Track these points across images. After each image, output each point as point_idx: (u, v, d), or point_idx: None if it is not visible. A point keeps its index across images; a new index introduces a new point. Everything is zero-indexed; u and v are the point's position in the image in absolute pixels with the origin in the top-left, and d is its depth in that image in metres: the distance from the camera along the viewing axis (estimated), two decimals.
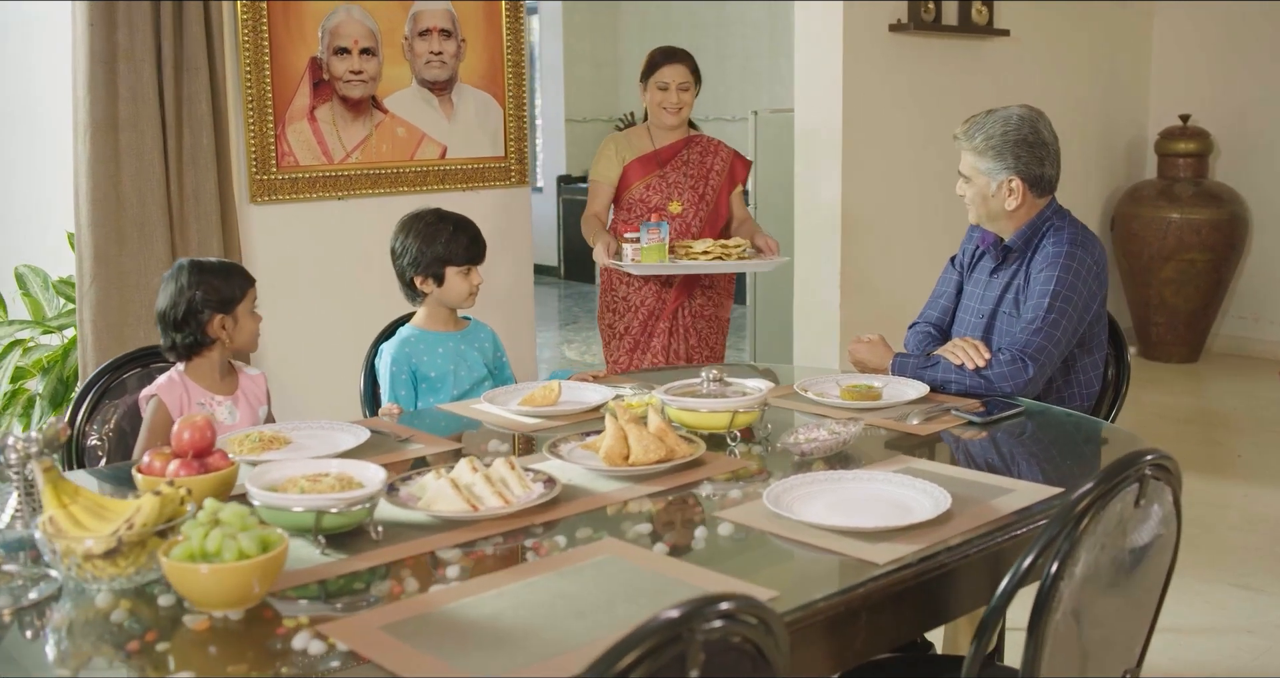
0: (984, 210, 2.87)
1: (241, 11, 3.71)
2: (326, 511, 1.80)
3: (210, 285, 2.43)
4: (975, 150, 2.85)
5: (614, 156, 4.06)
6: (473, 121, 4.30)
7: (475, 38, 4.26)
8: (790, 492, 1.99)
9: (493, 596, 1.64)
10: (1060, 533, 1.63)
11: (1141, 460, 1.70)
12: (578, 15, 10.68)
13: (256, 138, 3.79)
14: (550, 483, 2.05)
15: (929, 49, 5.80)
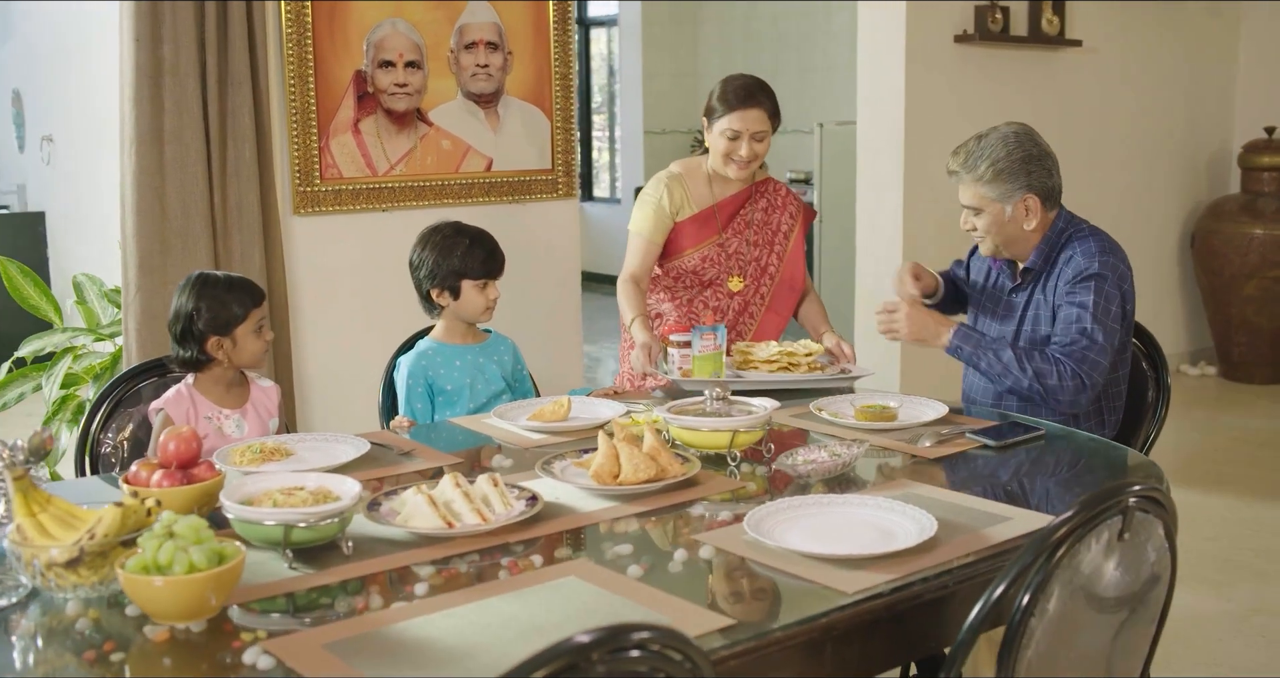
0: (1001, 238, 2.79)
1: (286, 25, 3.76)
2: (295, 525, 1.80)
3: (210, 306, 2.45)
4: (982, 179, 2.76)
5: (665, 208, 3.22)
6: (519, 134, 4.30)
7: (523, 50, 4.27)
8: (774, 516, 1.94)
9: (443, 616, 1.62)
10: (1032, 565, 1.56)
11: (1124, 493, 1.62)
12: (656, 27, 10.68)
13: (300, 150, 3.83)
14: (533, 501, 2.03)
15: (996, 60, 5.68)
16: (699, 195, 3.25)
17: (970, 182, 2.77)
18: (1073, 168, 6.06)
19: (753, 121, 3.09)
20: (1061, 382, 2.62)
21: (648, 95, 10.73)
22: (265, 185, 3.70)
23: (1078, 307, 2.67)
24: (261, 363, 2.55)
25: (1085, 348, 2.63)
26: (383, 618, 1.62)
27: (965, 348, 2.72)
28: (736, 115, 3.09)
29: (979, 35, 5.49)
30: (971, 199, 2.79)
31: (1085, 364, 2.62)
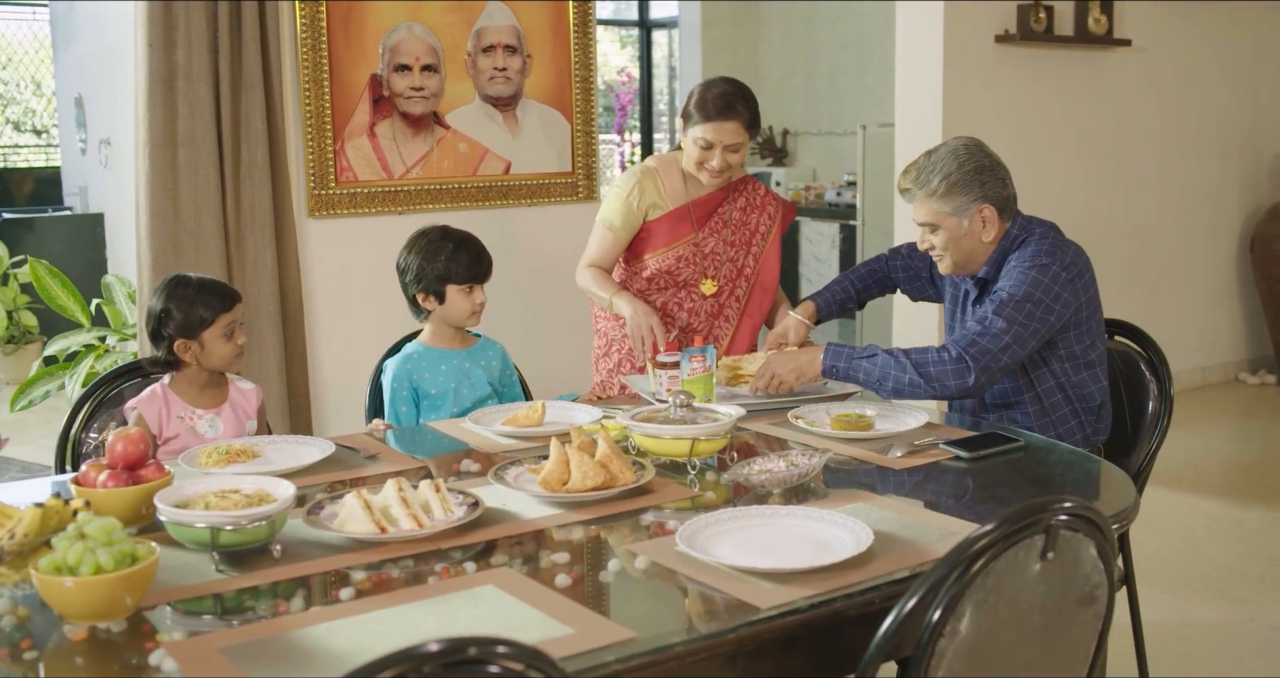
0: (959, 254, 2.73)
1: (301, 30, 3.80)
2: (222, 527, 1.81)
3: (177, 308, 2.47)
4: (936, 195, 2.69)
5: (633, 206, 3.13)
6: (539, 137, 4.30)
7: (542, 53, 4.27)
8: (711, 527, 1.90)
9: (350, 621, 1.62)
10: (943, 583, 1.51)
11: (1046, 511, 1.56)
12: (716, 29, 10.63)
13: (315, 153, 3.87)
14: (474, 507, 2.01)
15: (1040, 61, 5.55)
16: (674, 191, 3.14)
17: (924, 197, 2.71)
18: (1123, 171, 5.93)
19: (727, 134, 2.97)
20: (943, 366, 2.55)
21: None
22: (278, 188, 3.74)
23: (993, 301, 2.63)
24: (232, 366, 2.56)
25: (977, 334, 2.58)
26: (289, 623, 1.62)
27: (839, 364, 2.64)
28: (712, 126, 2.97)
29: (1021, 35, 5.37)
30: (927, 216, 2.72)
31: (973, 348, 2.56)
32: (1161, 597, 3.72)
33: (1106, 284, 5.87)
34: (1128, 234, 6.02)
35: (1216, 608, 3.63)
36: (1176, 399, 6.08)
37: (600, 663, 1.48)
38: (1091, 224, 5.86)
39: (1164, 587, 3.81)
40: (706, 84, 3.07)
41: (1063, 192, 5.74)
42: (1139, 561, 4.03)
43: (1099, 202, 5.88)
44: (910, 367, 2.55)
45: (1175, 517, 4.50)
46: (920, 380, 2.55)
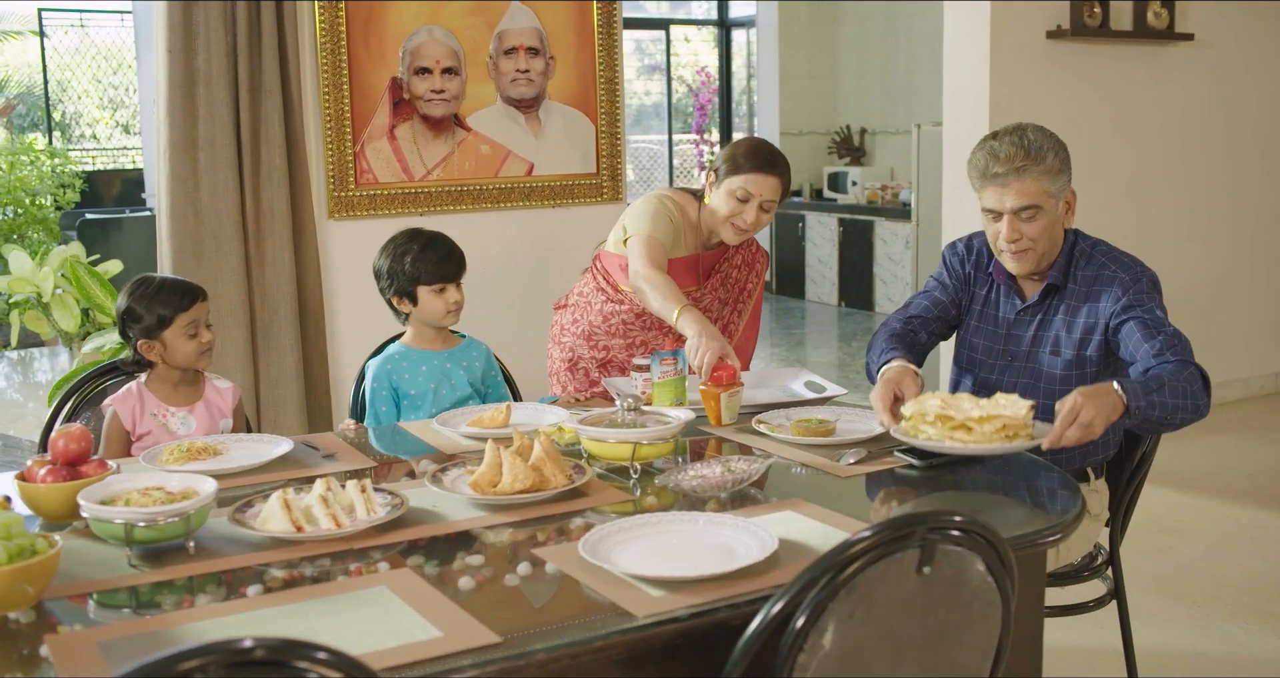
0: (1052, 242, 2.51)
1: (320, 34, 3.87)
2: (135, 524, 1.85)
3: (136, 308, 2.53)
4: (1050, 172, 2.44)
5: (675, 229, 3.06)
6: (562, 138, 4.32)
7: (565, 55, 4.28)
8: (621, 533, 1.89)
9: (237, 618, 1.64)
10: (804, 595, 1.48)
11: (919, 524, 1.52)
12: (794, 28, 10.55)
13: (335, 156, 3.94)
14: (397, 508, 2.03)
15: (1094, 57, 5.39)
16: (690, 238, 3.10)
17: (1039, 173, 2.42)
18: (1184, 171, 5.72)
19: (768, 189, 2.94)
20: (1196, 382, 2.32)
21: (784, 96, 10.60)
22: (297, 190, 3.81)
23: (1149, 311, 2.45)
24: (199, 363, 2.61)
25: (1185, 348, 2.38)
26: (175, 618, 1.66)
27: (1140, 403, 2.23)
28: (756, 178, 2.93)
29: (1074, 31, 5.22)
30: (1034, 197, 2.43)
31: (1187, 351, 2.39)
32: (1186, 611, 3.59)
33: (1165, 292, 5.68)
34: (1188, 237, 5.82)
35: (1241, 624, 3.49)
36: (1240, 406, 5.90)
37: (456, 667, 1.49)
38: (1150, 226, 5.68)
39: (1190, 600, 3.68)
40: (746, 140, 3.05)
41: (1120, 193, 5.57)
42: (1167, 570, 3.90)
43: (1158, 203, 5.70)
44: (1190, 394, 2.27)
45: (1217, 526, 4.34)
46: (1202, 404, 2.30)
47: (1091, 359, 2.53)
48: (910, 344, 2.66)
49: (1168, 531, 4.30)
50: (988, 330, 2.68)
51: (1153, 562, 4.00)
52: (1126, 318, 2.46)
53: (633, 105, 12.40)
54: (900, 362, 2.50)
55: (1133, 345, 2.43)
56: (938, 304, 2.73)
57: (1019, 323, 2.62)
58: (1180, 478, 4.90)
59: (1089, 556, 2.76)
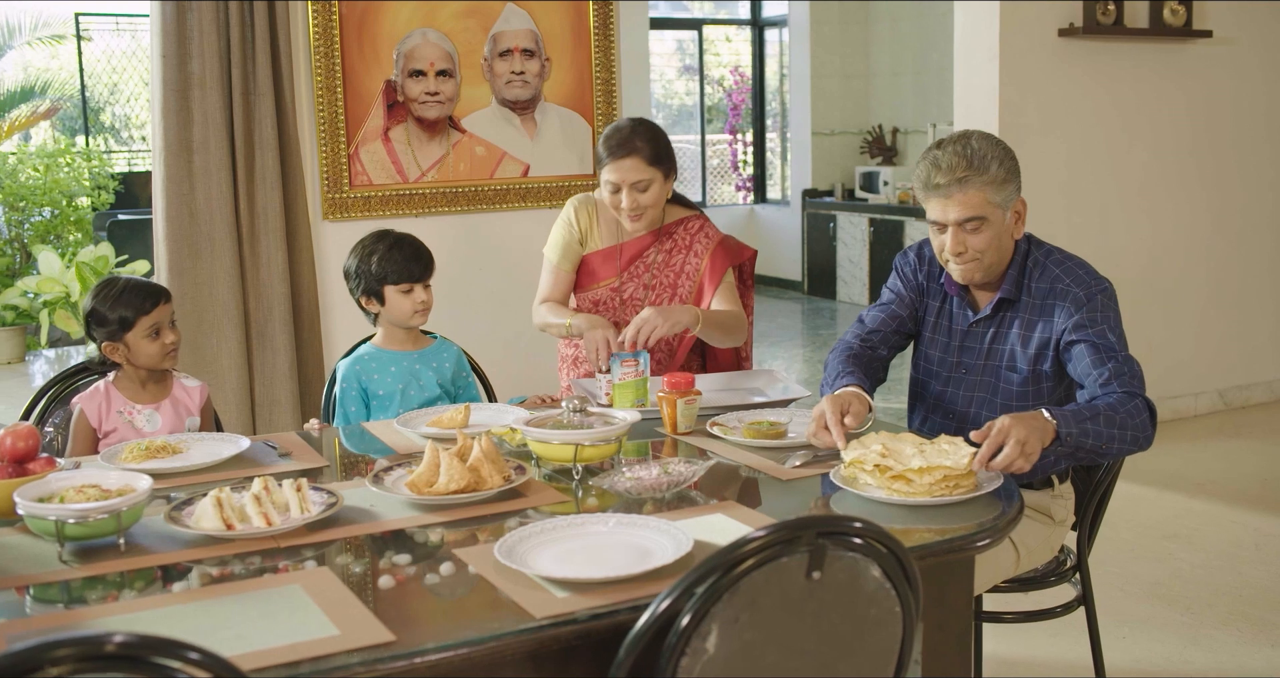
0: (1000, 254, 2.45)
1: (314, 38, 3.92)
2: (65, 521, 1.89)
3: (99, 311, 2.58)
4: (994, 182, 2.37)
5: (575, 230, 3.12)
6: (558, 140, 4.33)
7: (561, 56, 4.30)
8: (541, 535, 1.90)
9: (150, 612, 1.68)
10: (688, 599, 1.48)
11: (807, 528, 1.51)
12: (825, 27, 10.50)
13: (329, 158, 3.98)
14: (330, 507, 2.05)
15: (1109, 55, 5.32)
16: (609, 231, 3.11)
17: (980, 185, 2.35)
18: (1201, 171, 5.63)
19: (629, 171, 2.92)
20: (1141, 414, 2.29)
21: (816, 96, 10.56)
22: (290, 192, 3.86)
23: (1100, 334, 2.40)
24: (162, 363, 2.65)
25: (1133, 376, 2.34)
26: (89, 613, 1.70)
27: (1073, 430, 2.19)
28: (612, 165, 2.94)
29: (1087, 28, 5.16)
30: (978, 208, 2.36)
31: (1136, 383, 2.34)
32: (1179, 618, 3.54)
33: (1185, 293, 5.60)
34: (1207, 240, 5.73)
35: (1233, 632, 3.44)
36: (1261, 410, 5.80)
37: (344, 665, 1.50)
38: (1167, 227, 5.59)
39: (1183, 607, 3.62)
40: (609, 126, 3.03)
41: (1135, 193, 5.49)
42: (1164, 577, 3.85)
43: (1174, 203, 5.61)
44: (1131, 426, 2.25)
45: (1223, 533, 4.27)
46: (1143, 437, 2.27)
47: (1047, 374, 2.49)
48: (868, 363, 2.62)
49: (1170, 537, 4.24)
50: (941, 342, 2.63)
51: (1150, 568, 3.94)
52: (1077, 339, 2.40)
53: (673, 106, 12.40)
54: (854, 388, 2.42)
55: (1081, 370, 2.39)
56: (895, 317, 2.68)
57: (972, 335, 2.57)
58: (1190, 483, 4.83)
59: (1056, 561, 2.72)
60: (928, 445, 2.15)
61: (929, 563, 1.89)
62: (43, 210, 8.48)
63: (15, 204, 8.33)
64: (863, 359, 2.61)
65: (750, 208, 11.64)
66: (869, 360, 2.63)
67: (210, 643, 1.54)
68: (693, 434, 2.56)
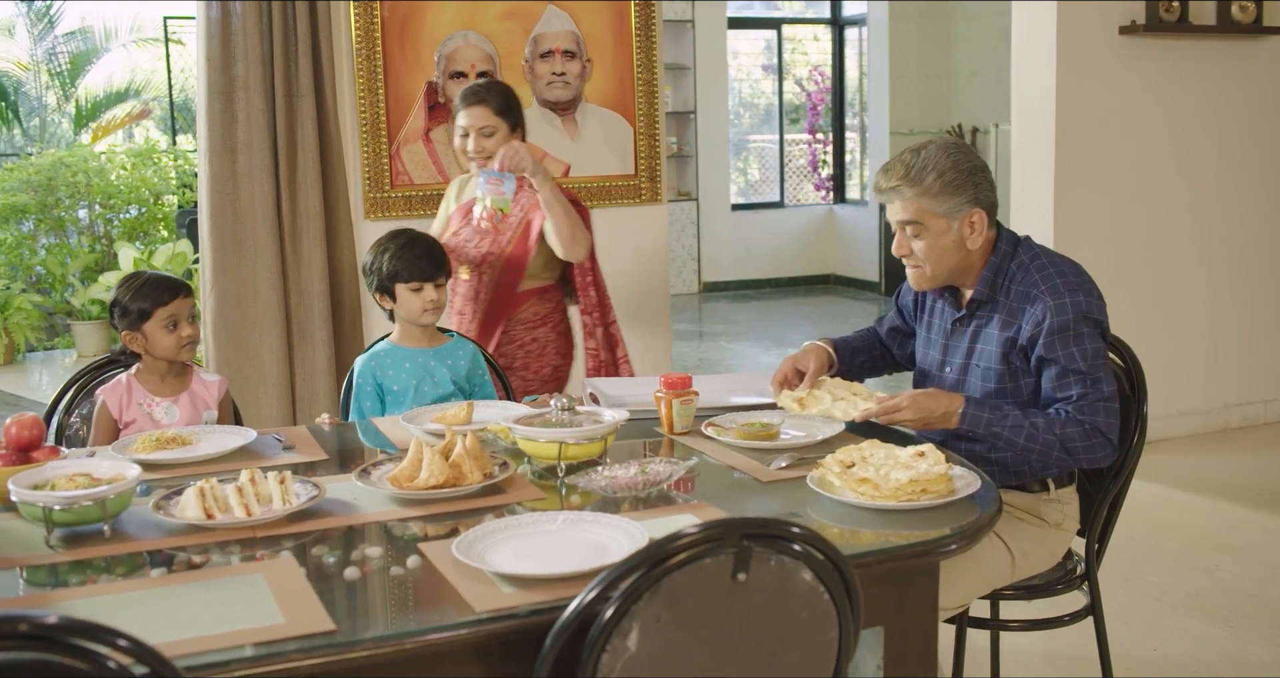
0: (945, 262, 2.50)
1: (356, 41, 4.00)
2: (52, 507, 1.97)
3: (121, 301, 2.68)
4: (928, 192, 2.44)
5: (446, 206, 3.60)
6: (599, 140, 4.37)
7: (603, 57, 4.33)
8: (502, 531, 1.92)
9: (116, 598, 1.75)
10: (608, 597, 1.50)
11: (732, 529, 1.52)
12: (903, 26, 10.39)
13: (370, 158, 4.06)
14: (310, 500, 2.11)
15: (1172, 53, 5.19)
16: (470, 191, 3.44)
17: (914, 195, 2.45)
18: (1276, 171, 5.44)
19: (477, 118, 3.29)
20: (1089, 441, 2.38)
21: (894, 95, 10.45)
22: (331, 191, 3.95)
23: (1068, 358, 2.41)
24: (179, 356, 2.74)
25: (1096, 400, 2.39)
26: (60, 595, 1.78)
27: (978, 430, 2.40)
28: (463, 112, 3.31)
29: (1149, 26, 5.04)
30: (913, 213, 2.47)
31: (1101, 416, 2.39)
32: (1216, 631, 3.45)
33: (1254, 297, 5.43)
34: (1276, 243, 5.55)
35: (1272, 647, 3.34)
36: None
37: (281, 652, 1.55)
38: (1235, 229, 5.44)
39: (1222, 620, 3.53)
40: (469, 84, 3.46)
41: (1201, 194, 5.35)
42: (1206, 587, 3.75)
43: (1243, 205, 5.45)
44: (1058, 444, 2.37)
45: (1274, 545, 4.15)
46: (1066, 457, 2.39)
47: (1020, 372, 2.49)
48: (879, 345, 2.88)
49: (1219, 547, 4.12)
50: (933, 339, 2.67)
51: (1193, 579, 3.85)
52: (1048, 358, 2.43)
53: (760, 105, 12.37)
54: (822, 341, 2.72)
55: (1045, 391, 2.47)
56: (892, 314, 2.86)
57: (957, 334, 2.60)
58: (1248, 492, 4.69)
59: (1063, 568, 2.67)
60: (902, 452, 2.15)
61: (886, 568, 1.88)
62: (129, 208, 8.76)
63: (105, 202, 8.62)
64: (867, 339, 2.87)
65: (829, 208, 11.56)
66: (872, 343, 2.87)
67: (161, 626, 1.62)
68: (689, 435, 2.57)
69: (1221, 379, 5.52)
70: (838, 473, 2.09)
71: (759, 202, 11.77)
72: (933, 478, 2.04)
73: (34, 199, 8.44)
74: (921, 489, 2.03)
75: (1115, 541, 4.11)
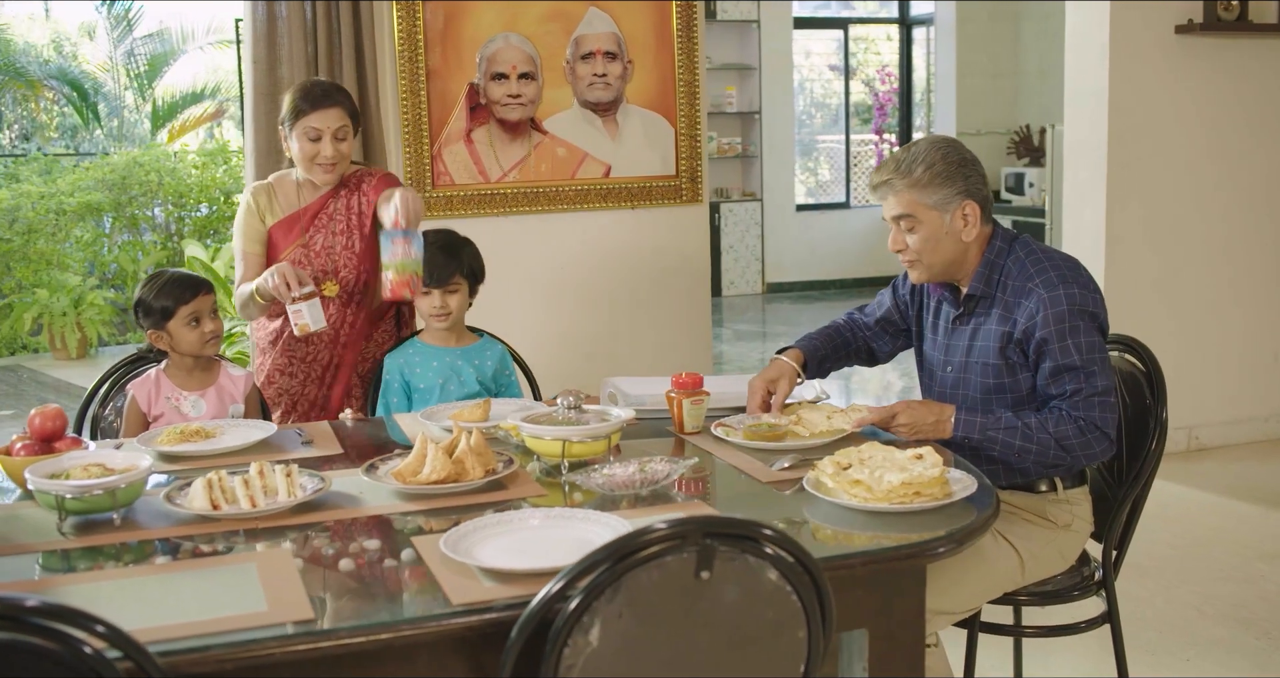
0: (940, 255, 2.50)
1: (399, 43, 4.07)
2: (64, 496, 2.04)
3: (144, 299, 2.76)
4: (918, 185, 2.46)
5: (254, 220, 3.19)
6: (640, 141, 4.39)
7: (644, 58, 4.35)
8: (491, 528, 1.95)
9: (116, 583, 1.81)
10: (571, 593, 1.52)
11: (694, 528, 1.53)
12: (971, 25, 10.27)
13: (412, 159, 4.13)
14: (315, 493, 2.16)
15: (1231, 53, 5.08)
16: (288, 202, 3.20)
17: (904, 188, 2.47)
18: None
19: (333, 119, 3.07)
20: (1085, 438, 2.37)
21: (961, 95, 10.33)
22: None
23: (1063, 352, 2.40)
24: (203, 351, 2.81)
25: (1090, 395, 2.38)
26: (63, 579, 1.85)
27: (973, 435, 2.43)
28: (318, 114, 3.05)
29: (1206, 25, 4.93)
30: (905, 207, 2.48)
31: (1096, 411, 2.38)
32: (1254, 642, 3.38)
33: None
34: None
35: None
36: None
37: (259, 640, 1.59)
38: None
39: (1261, 631, 3.46)
40: (298, 85, 3.18)
41: (1259, 201, 5.23)
42: (1250, 599, 3.68)
43: None
44: (1053, 442, 2.38)
45: None
46: (1064, 454, 2.40)
47: (1018, 367, 2.48)
48: (842, 340, 2.86)
49: (1264, 557, 4.03)
50: (935, 339, 2.67)
51: (1236, 589, 3.77)
52: (1044, 353, 2.42)
53: (832, 105, 12.31)
54: (792, 354, 2.74)
55: (1041, 386, 2.47)
56: (887, 316, 2.83)
57: (957, 332, 2.60)
58: None
59: (1079, 574, 2.64)
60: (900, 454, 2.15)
61: (870, 570, 1.88)
62: (200, 207, 8.98)
63: (176, 201, 8.84)
64: (841, 335, 2.86)
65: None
66: (846, 339, 2.86)
67: (151, 612, 1.68)
68: (699, 435, 2.58)
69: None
70: (831, 474, 2.10)
71: (825, 202, 11.71)
72: (926, 481, 2.03)
73: (109, 197, 8.68)
74: (914, 492, 2.02)
75: (1156, 548, 4.06)
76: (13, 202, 8.55)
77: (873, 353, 2.87)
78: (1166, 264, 5.06)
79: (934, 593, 2.29)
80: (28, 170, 9.72)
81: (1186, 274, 5.11)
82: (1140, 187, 5.00)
